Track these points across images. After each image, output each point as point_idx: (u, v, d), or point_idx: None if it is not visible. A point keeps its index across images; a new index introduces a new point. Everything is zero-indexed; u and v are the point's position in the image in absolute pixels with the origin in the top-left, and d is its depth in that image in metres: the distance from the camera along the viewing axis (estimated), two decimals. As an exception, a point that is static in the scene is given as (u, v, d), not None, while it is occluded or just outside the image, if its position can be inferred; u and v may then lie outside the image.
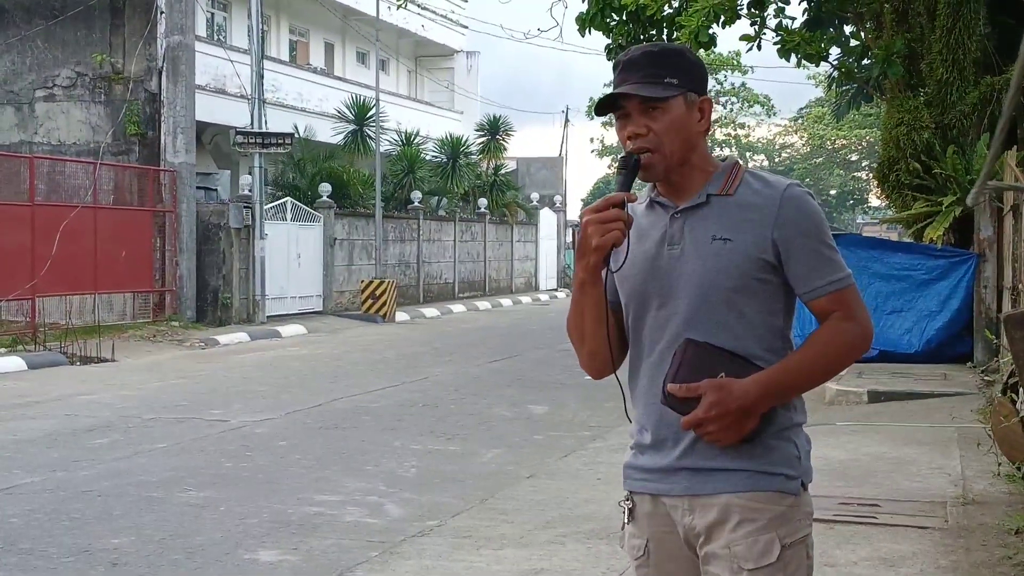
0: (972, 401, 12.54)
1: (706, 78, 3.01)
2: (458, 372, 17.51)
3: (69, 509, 8.31)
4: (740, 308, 2.86)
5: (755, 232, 2.85)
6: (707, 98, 2.96)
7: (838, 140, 68.38)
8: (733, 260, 2.85)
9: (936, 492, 8.40)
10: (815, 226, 2.87)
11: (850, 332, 2.87)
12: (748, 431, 2.80)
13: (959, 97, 16.70)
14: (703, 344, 2.84)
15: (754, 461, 2.84)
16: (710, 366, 2.81)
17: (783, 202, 2.86)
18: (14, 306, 21.15)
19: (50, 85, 25.66)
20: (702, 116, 2.94)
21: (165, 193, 24.63)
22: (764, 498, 2.83)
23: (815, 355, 2.86)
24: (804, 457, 2.91)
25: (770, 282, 2.88)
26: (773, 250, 2.85)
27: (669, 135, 2.88)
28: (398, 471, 9.82)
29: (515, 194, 44.77)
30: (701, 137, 2.95)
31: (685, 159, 2.91)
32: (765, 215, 2.86)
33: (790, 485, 2.85)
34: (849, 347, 2.88)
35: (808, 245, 2.85)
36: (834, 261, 2.87)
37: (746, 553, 2.81)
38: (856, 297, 2.90)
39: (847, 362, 2.94)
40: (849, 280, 2.88)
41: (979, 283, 15.91)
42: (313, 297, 29.09)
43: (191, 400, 14.16)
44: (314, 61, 40.04)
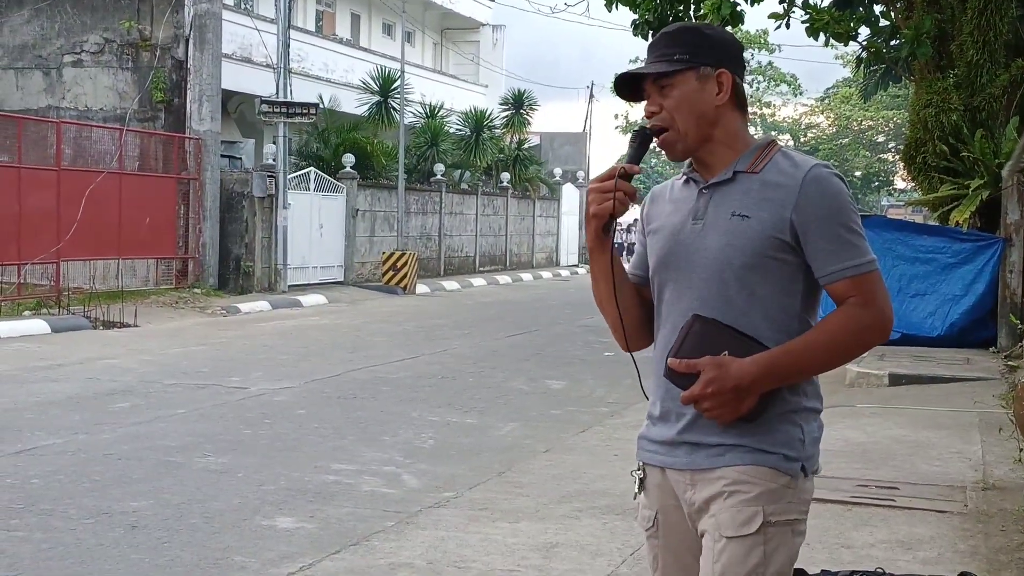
0: (994, 386, 12.48)
1: (728, 51, 2.93)
2: (477, 345, 17.52)
3: (89, 471, 8.35)
4: (752, 287, 2.83)
5: (774, 211, 2.81)
6: (724, 71, 2.88)
7: (864, 121, 67.98)
8: (748, 237, 2.82)
9: (956, 476, 8.37)
10: (837, 208, 2.80)
11: (864, 319, 2.80)
12: (746, 410, 2.78)
13: (989, 79, 16.57)
14: (711, 320, 2.82)
15: (754, 439, 2.81)
16: (715, 343, 2.80)
17: (805, 182, 2.80)
18: (39, 269, 21.23)
19: (78, 51, 25.71)
20: (720, 90, 2.87)
21: (190, 161, 24.68)
22: (757, 472, 2.81)
23: (822, 340, 2.80)
24: (810, 443, 2.87)
25: (787, 262, 2.83)
26: (791, 230, 2.80)
27: (681, 111, 2.86)
28: (415, 442, 9.84)
29: (538, 169, 44.70)
30: (725, 111, 2.89)
31: (705, 135, 2.89)
32: (786, 194, 2.81)
33: (787, 465, 2.82)
34: (860, 334, 2.81)
35: (827, 227, 2.79)
36: (855, 245, 2.80)
37: (728, 521, 2.80)
38: (876, 284, 2.82)
39: (858, 350, 2.87)
40: (870, 266, 2.81)
41: (1005, 268, 15.80)
42: (334, 267, 29.13)
43: (211, 367, 14.21)
44: (340, 32, 40.00)
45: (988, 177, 16.31)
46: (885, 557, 6.20)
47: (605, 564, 6.34)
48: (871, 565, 5.64)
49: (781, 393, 2.81)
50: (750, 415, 2.79)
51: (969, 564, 5.99)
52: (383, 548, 6.60)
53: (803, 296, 2.87)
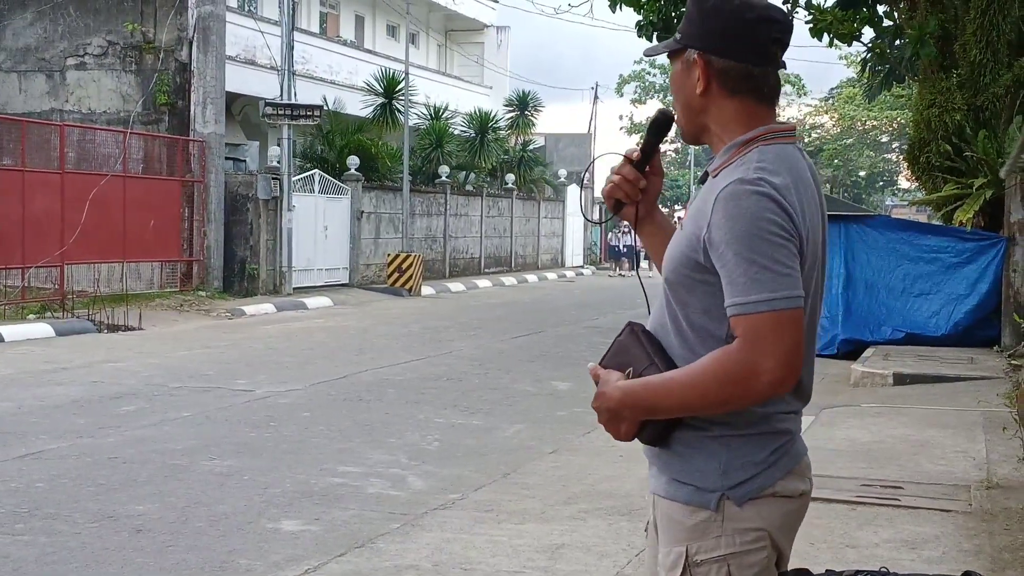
0: (998, 385, 12.48)
1: (721, 31, 2.56)
2: (483, 347, 17.52)
3: (94, 475, 8.36)
4: (681, 302, 2.59)
5: (694, 226, 2.54)
6: (701, 54, 2.57)
7: (869, 121, 67.92)
8: (675, 251, 2.62)
9: (960, 476, 8.37)
10: (741, 234, 2.41)
11: (736, 361, 2.42)
12: (626, 434, 2.62)
13: (992, 79, 16.58)
14: (638, 331, 2.68)
15: (671, 468, 2.64)
16: (628, 357, 2.67)
17: (718, 199, 2.47)
18: (43, 273, 21.26)
19: (81, 53, 25.73)
20: (699, 76, 2.59)
21: (194, 163, 24.70)
22: (677, 508, 2.62)
23: (687, 379, 2.50)
24: (733, 469, 2.55)
25: (706, 282, 2.52)
26: (703, 250, 2.50)
27: (675, 99, 2.68)
28: (421, 444, 9.85)
29: (543, 170, 44.70)
30: (714, 101, 2.60)
31: (698, 125, 2.65)
32: (705, 210, 2.51)
33: (700, 498, 2.58)
34: (729, 378, 2.43)
35: (725, 254, 2.44)
36: (754, 279, 2.40)
37: (662, 562, 2.66)
38: (765, 328, 2.40)
39: (729, 397, 2.46)
40: (767, 306, 2.39)
41: (1008, 267, 15.81)
42: (339, 269, 29.15)
43: (217, 370, 14.22)
44: (344, 33, 40.02)
45: (992, 176, 16.32)
46: (890, 556, 6.20)
47: (611, 565, 6.34)
48: (876, 564, 5.64)
49: (691, 418, 2.57)
50: (646, 439, 2.64)
51: (973, 563, 5.99)
52: (389, 550, 6.61)
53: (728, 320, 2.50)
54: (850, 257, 16.48)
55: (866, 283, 16.53)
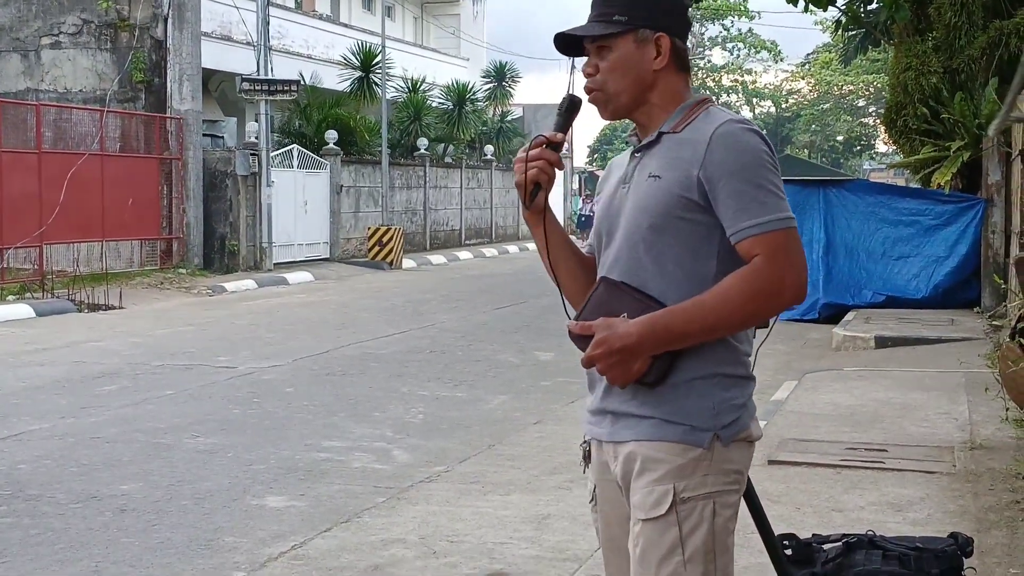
0: (979, 346, 12.54)
1: (672, 14, 2.84)
2: (465, 319, 17.52)
3: (77, 455, 8.34)
4: (660, 248, 2.74)
5: (682, 169, 2.72)
6: (662, 35, 2.79)
7: (845, 86, 68.02)
8: (656, 197, 2.74)
9: (944, 437, 8.41)
10: (745, 164, 2.67)
11: (760, 280, 2.64)
12: (638, 373, 2.69)
13: (967, 41, 16.59)
14: (616, 283, 2.78)
15: (660, 409, 2.72)
16: (615, 306, 2.74)
17: (713, 138, 2.70)
18: (22, 253, 21.15)
19: (56, 32, 25.54)
20: (659, 53, 2.79)
21: (172, 141, 24.59)
22: (664, 448, 2.71)
23: (714, 300, 2.66)
24: (724, 411, 2.72)
25: (698, 223, 2.72)
26: (699, 189, 2.70)
27: (614, 75, 2.80)
28: (405, 417, 9.85)
29: (522, 141, 44.51)
30: (664, 76, 2.81)
31: (639, 99, 2.83)
32: (695, 152, 2.71)
33: (695, 437, 2.70)
34: (759, 293, 2.65)
35: (734, 184, 2.67)
36: (764, 202, 2.66)
37: (641, 502, 2.73)
38: (787, 242, 2.66)
39: (756, 312, 2.69)
40: (779, 224, 2.65)
41: (987, 228, 15.87)
42: (320, 244, 29.09)
43: (198, 347, 14.19)
44: (320, 8, 39.83)
45: (969, 139, 16.35)
46: (875, 519, 6.23)
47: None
48: (862, 528, 5.65)
49: (686, 358, 2.71)
50: (648, 379, 2.71)
51: (959, 524, 6.02)
52: (375, 524, 6.61)
53: (719, 258, 2.74)
54: (829, 222, 16.52)
55: (846, 247, 16.57)
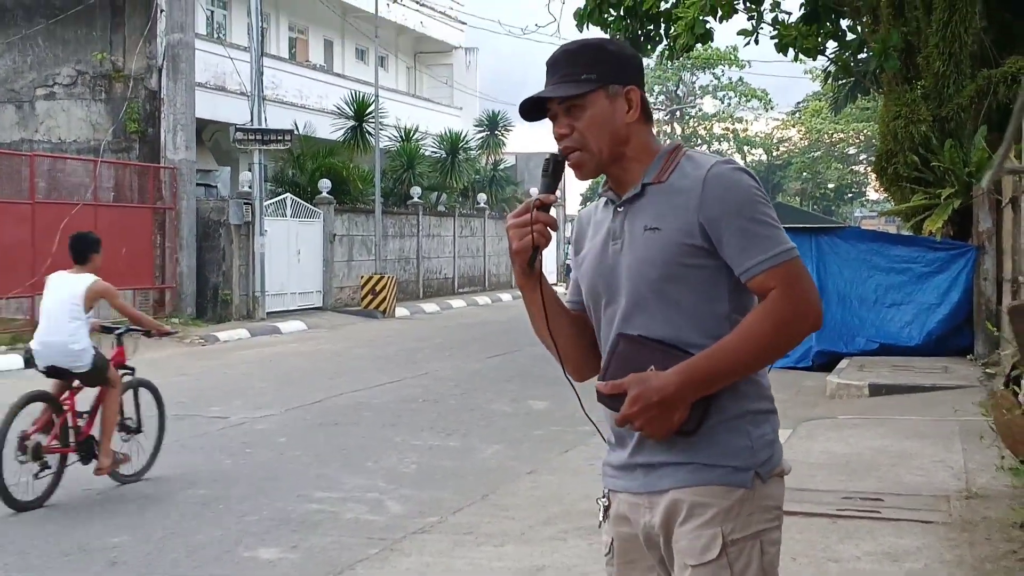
0: (974, 394, 12.52)
1: (634, 67, 2.89)
2: (458, 367, 17.49)
3: (68, 507, 8.29)
4: (673, 297, 2.76)
5: (682, 217, 2.74)
6: (633, 88, 2.84)
7: (836, 134, 68.38)
8: (659, 249, 2.75)
9: (939, 486, 8.38)
10: (743, 203, 2.72)
11: (783, 311, 2.69)
12: (679, 423, 2.70)
13: (956, 90, 16.71)
14: (635, 338, 2.78)
15: (698, 454, 2.74)
16: (640, 360, 2.75)
17: (707, 182, 2.73)
18: (14, 304, 21.13)
19: (51, 83, 25.65)
20: (631, 107, 2.84)
21: (165, 190, 24.62)
22: (708, 492, 2.73)
23: (745, 339, 2.70)
24: (760, 447, 2.77)
25: (705, 267, 2.75)
26: (702, 233, 2.73)
27: (592, 131, 2.82)
28: (398, 467, 9.81)
29: (514, 189, 44.73)
30: (635, 128, 2.86)
31: (617, 153, 2.85)
32: (691, 198, 2.74)
33: (737, 477, 2.73)
34: (782, 327, 2.70)
35: (735, 223, 2.71)
36: (767, 237, 2.71)
37: (688, 548, 2.73)
38: (796, 272, 2.71)
39: (785, 342, 2.73)
40: (787, 255, 2.71)
41: (979, 275, 15.90)
42: (313, 293, 29.07)
43: (191, 397, 14.14)
44: (313, 58, 40.02)
45: (959, 186, 16.43)
46: (872, 569, 6.20)
47: (591, 585, 6.32)
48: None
49: (719, 400, 2.73)
50: (687, 427, 2.72)
51: (956, 574, 6.00)
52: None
53: (730, 298, 2.78)
54: (822, 269, 16.54)
55: (839, 294, 16.58)
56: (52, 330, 8.77)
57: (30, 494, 8.23)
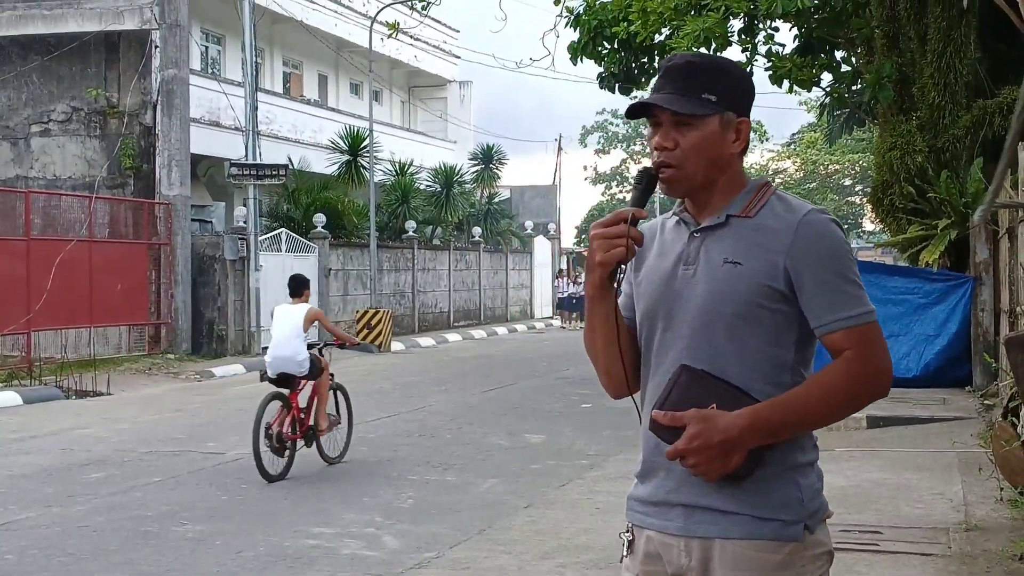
0: (972, 425, 12.50)
1: (751, 98, 2.83)
2: (454, 401, 17.44)
3: (65, 545, 8.24)
4: (742, 337, 2.69)
5: (766, 257, 2.68)
6: (745, 120, 2.78)
7: (831, 165, 68.52)
8: (739, 285, 2.68)
9: (938, 518, 8.35)
10: (833, 256, 2.67)
11: (860, 374, 2.66)
12: (733, 467, 2.62)
13: (951, 121, 16.73)
14: (698, 371, 2.69)
15: (748, 503, 2.66)
16: (702, 395, 2.66)
17: (800, 227, 2.68)
18: (9, 340, 21.10)
19: (45, 120, 25.72)
20: (737, 137, 2.78)
21: (160, 226, 24.64)
22: (759, 546, 2.65)
23: (815, 394, 2.65)
24: (810, 498, 2.71)
25: (780, 312, 2.69)
26: (785, 278, 2.67)
27: (695, 154, 2.73)
28: (395, 502, 9.76)
29: (509, 222, 44.79)
30: (734, 159, 2.79)
31: (711, 179, 2.77)
32: (780, 240, 2.68)
33: (788, 531, 2.66)
34: (856, 390, 2.67)
35: (822, 275, 2.66)
36: (853, 295, 2.68)
37: None
38: (874, 336, 2.68)
39: (852, 407, 2.70)
40: (868, 317, 2.68)
41: (976, 306, 15.88)
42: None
43: (187, 433, 14.09)
44: (308, 93, 40.12)
45: (955, 217, 16.43)
46: (871, 603, 6.16)
47: (590, 620, 6.27)
48: (857, 612, 5.60)
49: (775, 449, 2.66)
50: (740, 472, 2.64)
51: (955, 607, 5.96)
52: (365, 612, 6.52)
53: (797, 347, 2.73)
54: (819, 301, 16.50)
55: (836, 326, 16.53)
56: (282, 347, 11.54)
57: (275, 470, 10.77)
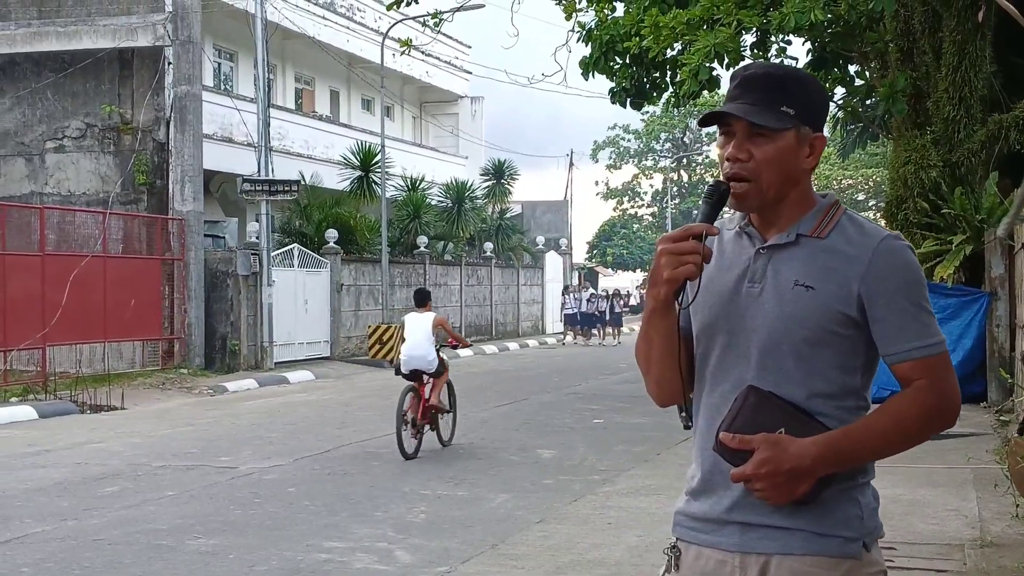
0: (987, 441, 12.46)
1: (825, 112, 2.82)
2: (466, 416, 17.41)
3: (79, 558, 8.25)
4: (812, 361, 2.64)
5: (840, 282, 2.63)
6: (821, 136, 2.74)
7: (844, 180, 68.41)
8: (811, 309, 2.63)
9: (953, 535, 8.32)
10: (909, 284, 2.65)
11: (932, 404, 2.63)
12: (800, 495, 2.59)
13: (966, 135, 16.69)
14: (766, 394, 2.65)
15: (811, 521, 2.63)
16: (770, 419, 2.61)
17: (876, 254, 2.64)
18: (25, 355, 21.15)
19: (60, 136, 25.80)
20: (811, 153, 2.72)
21: (173, 241, 24.69)
22: (820, 563, 2.62)
23: (887, 424, 2.63)
24: (868, 516, 2.68)
25: (850, 338, 2.65)
26: (858, 304, 2.63)
27: (771, 167, 2.68)
28: (407, 517, 9.76)
29: (520, 238, 44.79)
30: (806, 175, 2.74)
31: (783, 195, 2.71)
32: (854, 265, 2.63)
33: (849, 548, 2.64)
34: (928, 420, 2.64)
35: (897, 303, 2.63)
36: (926, 324, 2.65)
37: None
38: (945, 366, 2.65)
39: (923, 436, 2.67)
40: (940, 347, 2.65)
41: (991, 321, 15.83)
42: (321, 343, 29.07)
43: (200, 447, 14.11)
44: (320, 108, 40.21)
45: (970, 232, 16.38)
46: (886, 618, 6.13)
47: (604, 635, 6.25)
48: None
49: (839, 473, 2.63)
50: (806, 499, 2.61)
51: (971, 622, 5.93)
52: (379, 627, 6.51)
53: (862, 373, 2.70)
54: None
55: (850, 342, 16.48)
56: (415, 348, 14.04)
57: (410, 449, 12.98)
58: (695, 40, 16.20)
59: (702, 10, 15.89)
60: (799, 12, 14.93)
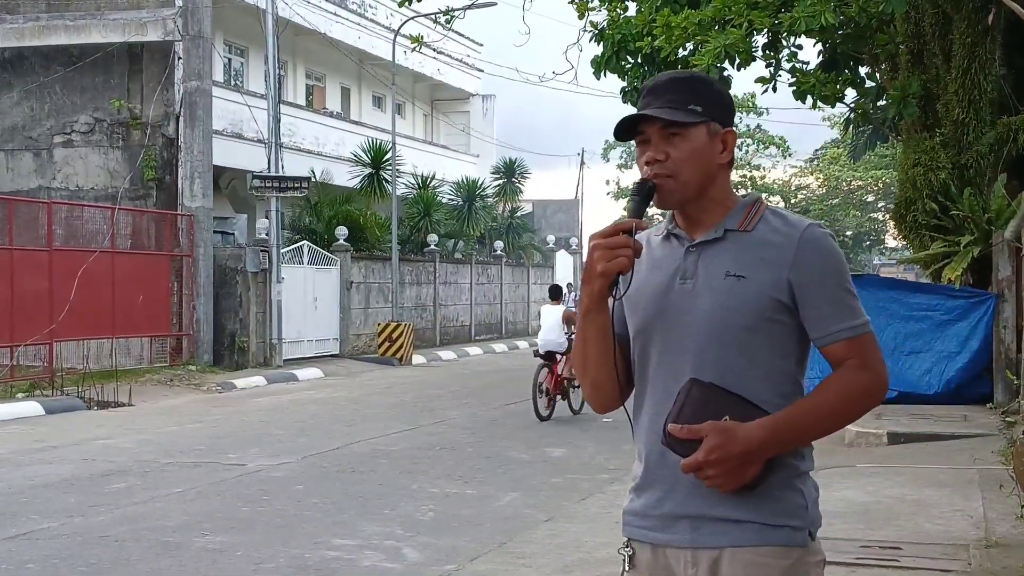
0: (993, 442, 12.44)
1: (732, 110, 2.91)
2: (475, 415, 17.46)
3: (86, 555, 8.28)
4: (751, 349, 2.75)
5: (771, 271, 2.75)
6: (731, 130, 2.86)
7: (854, 181, 68.35)
8: (746, 298, 2.74)
9: (958, 535, 8.32)
10: (834, 269, 2.77)
11: (865, 381, 2.76)
12: (750, 477, 2.69)
13: (975, 137, 16.67)
14: (709, 384, 2.73)
15: (759, 512, 2.73)
16: (715, 408, 2.70)
17: (802, 242, 2.75)
18: (32, 351, 21.18)
19: (68, 131, 25.84)
20: (724, 148, 2.84)
21: (182, 237, 24.72)
22: (770, 552, 2.72)
23: (826, 403, 2.74)
24: (812, 506, 2.80)
25: (784, 324, 2.77)
26: (788, 291, 2.75)
27: (688, 163, 2.78)
28: (416, 515, 9.77)
29: (531, 236, 44.80)
30: (722, 170, 2.85)
31: (703, 190, 2.82)
32: (782, 254, 2.75)
33: (796, 537, 2.75)
34: (863, 396, 2.77)
35: (825, 289, 2.75)
36: (851, 307, 2.77)
37: None
38: (873, 345, 2.79)
39: (860, 412, 2.81)
40: (866, 327, 2.78)
41: (998, 323, 15.81)
42: (330, 340, 29.10)
43: (208, 444, 14.14)
44: (330, 105, 40.25)
45: (978, 234, 16.36)
46: (892, 620, 6.14)
47: (609, 635, 6.27)
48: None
49: (782, 458, 2.73)
50: (753, 482, 2.70)
51: (977, 625, 5.93)
52: (385, 624, 6.53)
53: (797, 358, 2.81)
54: (840, 317, 16.43)
55: (857, 343, 16.45)
56: (548, 333, 17.30)
57: (544, 413, 16.53)
58: (707, 41, 16.18)
59: (714, 11, 15.88)
60: (809, 16, 14.90)
